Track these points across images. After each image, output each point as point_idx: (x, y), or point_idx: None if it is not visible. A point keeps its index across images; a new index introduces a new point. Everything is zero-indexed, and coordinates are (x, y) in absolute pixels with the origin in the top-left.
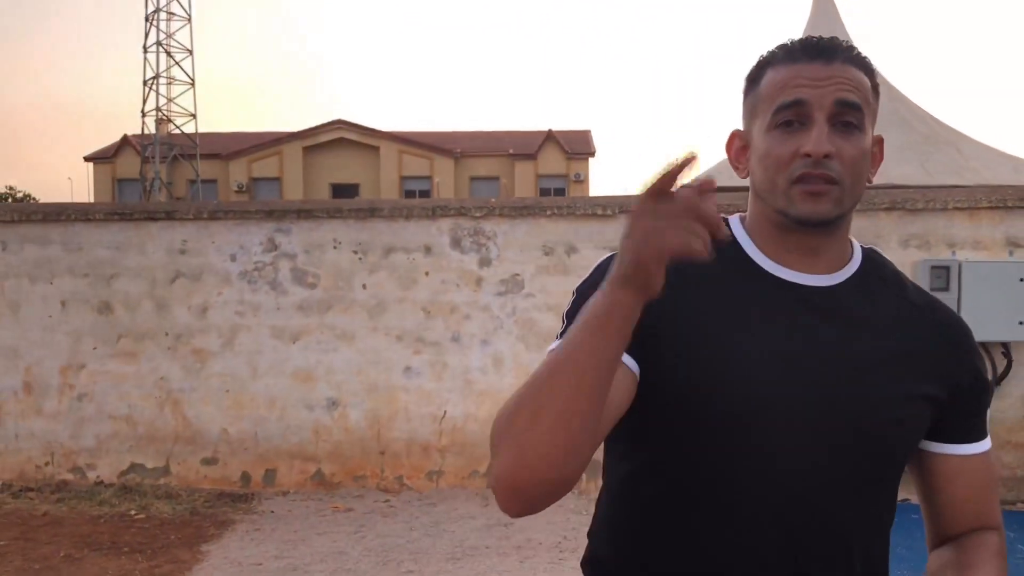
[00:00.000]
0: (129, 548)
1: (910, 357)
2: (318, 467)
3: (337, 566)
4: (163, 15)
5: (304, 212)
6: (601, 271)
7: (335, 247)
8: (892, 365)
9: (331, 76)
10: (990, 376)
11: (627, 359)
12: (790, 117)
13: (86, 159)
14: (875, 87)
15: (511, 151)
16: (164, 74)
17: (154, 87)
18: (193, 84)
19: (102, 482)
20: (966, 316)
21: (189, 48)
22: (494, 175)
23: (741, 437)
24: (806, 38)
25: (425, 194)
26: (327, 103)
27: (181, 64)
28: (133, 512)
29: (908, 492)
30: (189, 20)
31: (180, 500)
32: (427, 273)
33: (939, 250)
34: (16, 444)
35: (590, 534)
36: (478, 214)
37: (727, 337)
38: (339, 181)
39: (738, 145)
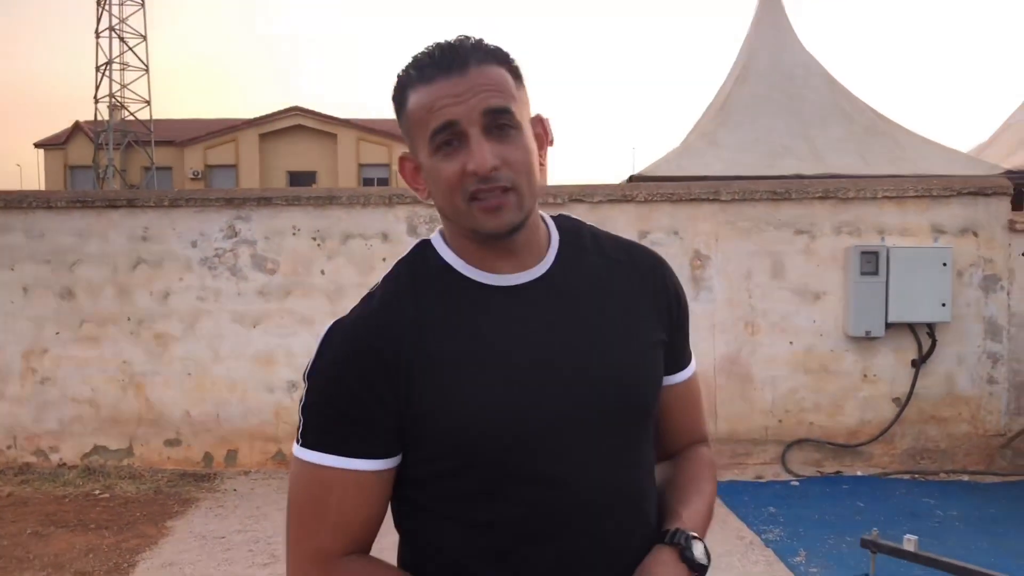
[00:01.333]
0: (95, 525)
1: (633, 312)
2: (279, 447)
3: None
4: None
5: (264, 200)
6: (340, 361)
7: (294, 234)
8: (623, 328)
9: (288, 62)
10: (916, 356)
11: (371, 464)
12: (447, 139)
13: (36, 145)
14: (514, 72)
15: None
16: (117, 60)
17: (107, 73)
18: (147, 70)
19: (65, 464)
20: (894, 298)
21: (143, 33)
22: None
23: (527, 458)
24: (433, 50)
25: (384, 182)
26: (284, 89)
27: (134, 49)
28: (98, 492)
29: (840, 465)
30: (142, 5)
31: (144, 480)
32: (384, 259)
33: (869, 236)
34: None
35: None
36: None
37: (471, 371)
38: (296, 168)
39: (410, 167)
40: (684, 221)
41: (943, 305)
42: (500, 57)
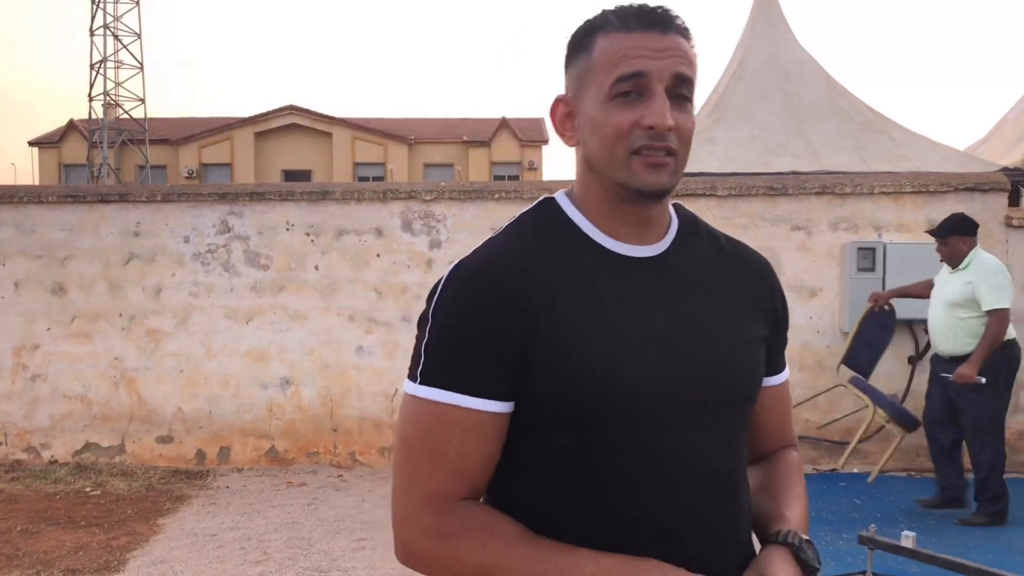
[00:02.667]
0: (86, 522)
1: (742, 305)
2: (272, 444)
3: (291, 535)
4: None
5: (257, 195)
6: (468, 299)
7: (288, 229)
8: (734, 317)
9: (283, 60)
10: (913, 352)
11: (493, 405)
12: (629, 88)
13: (30, 144)
14: (696, 55)
15: (465, 138)
16: (111, 58)
17: (101, 71)
18: (141, 68)
19: (56, 461)
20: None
21: (137, 31)
22: (448, 162)
23: (630, 423)
24: (641, 5)
25: (379, 180)
26: (278, 88)
27: (129, 48)
28: (88, 489)
29: (835, 462)
30: (137, 3)
31: (136, 477)
32: (378, 255)
33: (866, 232)
34: None
35: None
36: (428, 197)
37: (588, 330)
38: (291, 167)
39: (563, 112)
40: None
41: None
42: (690, 36)
